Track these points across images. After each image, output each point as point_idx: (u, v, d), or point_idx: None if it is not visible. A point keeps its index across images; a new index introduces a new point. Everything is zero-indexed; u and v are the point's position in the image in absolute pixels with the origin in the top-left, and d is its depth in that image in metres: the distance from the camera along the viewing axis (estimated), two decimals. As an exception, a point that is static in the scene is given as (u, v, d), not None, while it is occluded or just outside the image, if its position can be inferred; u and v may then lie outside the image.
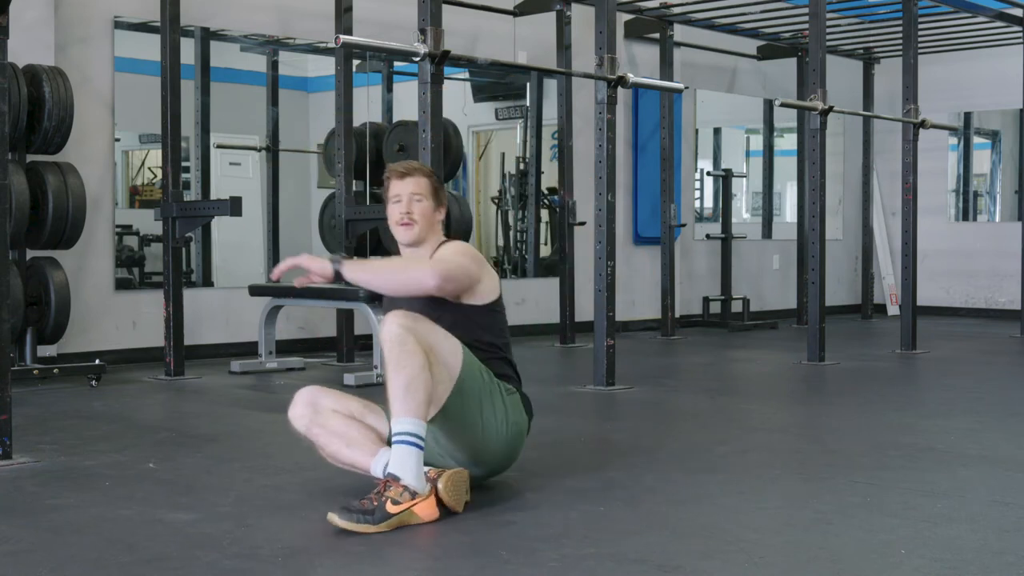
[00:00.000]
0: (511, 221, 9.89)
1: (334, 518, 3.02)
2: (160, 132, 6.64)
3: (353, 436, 3.39)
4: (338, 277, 3.40)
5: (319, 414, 3.44)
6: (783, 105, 7.37)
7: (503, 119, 10.05)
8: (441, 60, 5.23)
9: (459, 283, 3.43)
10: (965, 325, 10.45)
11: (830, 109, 7.30)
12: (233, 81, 8.29)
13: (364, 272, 3.50)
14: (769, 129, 11.28)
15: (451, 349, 3.31)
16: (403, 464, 3.10)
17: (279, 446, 4.23)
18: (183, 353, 6.55)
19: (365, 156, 8.15)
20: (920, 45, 9.29)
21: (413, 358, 3.15)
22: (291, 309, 7.51)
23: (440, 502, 3.17)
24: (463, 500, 3.25)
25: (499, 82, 9.97)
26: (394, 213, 3.55)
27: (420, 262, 3.46)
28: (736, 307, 10.19)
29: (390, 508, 3.02)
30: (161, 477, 3.84)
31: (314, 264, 3.40)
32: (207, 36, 7.81)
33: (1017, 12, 9.48)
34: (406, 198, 3.54)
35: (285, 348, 7.41)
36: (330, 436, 3.42)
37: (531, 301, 9.15)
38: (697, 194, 10.80)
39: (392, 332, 3.16)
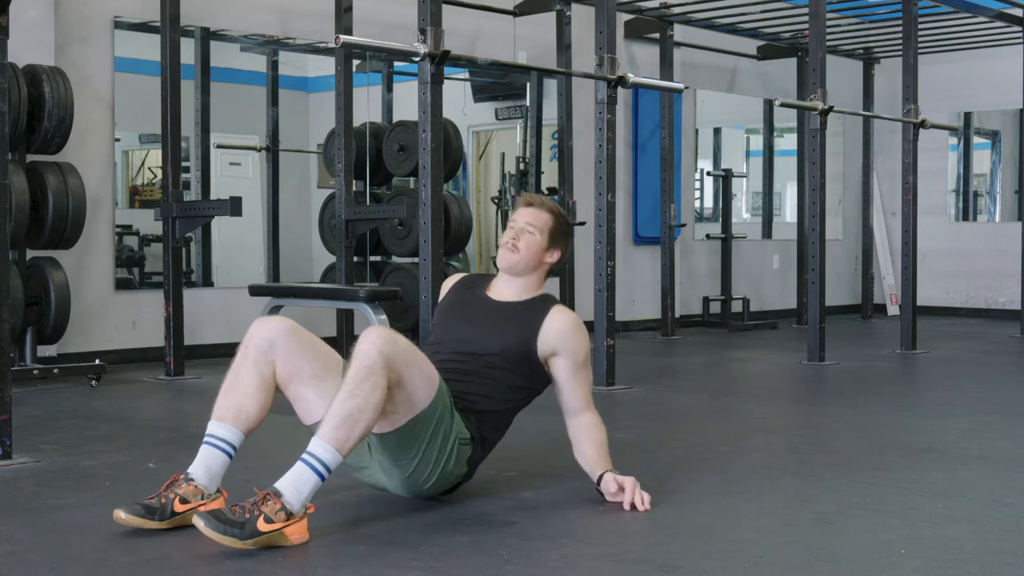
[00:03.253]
0: (511, 221, 9.87)
1: (199, 522, 2.83)
2: (160, 132, 6.64)
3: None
4: None
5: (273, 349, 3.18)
6: (783, 105, 7.36)
7: (503, 119, 10.05)
8: (441, 60, 5.23)
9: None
10: (965, 325, 10.45)
11: (830, 109, 7.30)
12: (233, 81, 8.29)
13: None
14: (769, 129, 11.28)
15: (424, 385, 3.14)
16: (295, 486, 2.90)
17: (277, 446, 4.23)
18: (183, 353, 6.55)
19: (365, 156, 8.15)
20: (920, 45, 9.30)
21: (372, 394, 2.95)
22: (291, 309, 7.49)
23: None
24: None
25: (499, 82, 9.97)
26: (505, 235, 3.57)
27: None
28: (736, 307, 10.19)
29: (261, 526, 2.83)
30: (161, 477, 3.81)
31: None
32: (207, 36, 7.80)
33: (1017, 12, 9.47)
34: (520, 225, 3.53)
35: (285, 348, 7.39)
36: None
37: (531, 301, 9.12)
38: (697, 194, 10.80)
39: (366, 354, 2.97)
